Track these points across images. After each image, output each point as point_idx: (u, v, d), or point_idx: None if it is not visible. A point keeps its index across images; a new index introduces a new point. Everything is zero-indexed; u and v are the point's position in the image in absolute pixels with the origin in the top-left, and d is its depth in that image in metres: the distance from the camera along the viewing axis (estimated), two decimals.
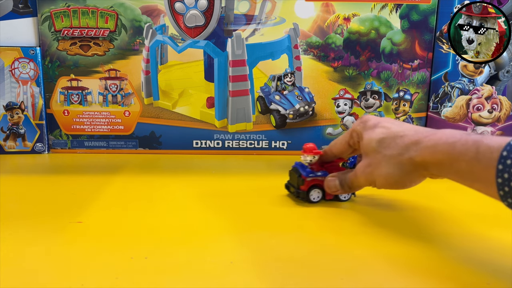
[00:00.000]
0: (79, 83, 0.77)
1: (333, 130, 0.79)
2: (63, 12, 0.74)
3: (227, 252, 0.43)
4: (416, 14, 0.75)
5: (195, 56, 0.76)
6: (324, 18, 0.75)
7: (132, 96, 0.78)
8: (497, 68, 0.77)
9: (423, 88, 0.77)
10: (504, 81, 0.77)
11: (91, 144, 0.79)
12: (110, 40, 0.76)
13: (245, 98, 0.78)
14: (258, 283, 0.38)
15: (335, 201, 0.56)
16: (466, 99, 0.78)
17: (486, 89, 0.77)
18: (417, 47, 0.76)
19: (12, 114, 0.76)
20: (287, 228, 0.49)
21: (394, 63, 0.77)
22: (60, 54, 0.76)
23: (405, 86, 0.77)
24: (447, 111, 0.78)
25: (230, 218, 0.51)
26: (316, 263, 0.42)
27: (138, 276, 0.38)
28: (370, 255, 0.44)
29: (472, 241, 0.48)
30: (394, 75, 0.77)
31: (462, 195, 0.56)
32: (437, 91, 0.78)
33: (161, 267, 0.40)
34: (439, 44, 0.76)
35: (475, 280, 0.40)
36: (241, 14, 0.75)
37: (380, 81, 0.77)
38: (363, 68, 0.77)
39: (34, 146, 0.78)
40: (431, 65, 0.77)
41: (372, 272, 0.41)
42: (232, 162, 0.76)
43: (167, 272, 0.39)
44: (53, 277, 0.38)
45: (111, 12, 0.75)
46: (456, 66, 0.76)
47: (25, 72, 0.75)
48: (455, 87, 0.77)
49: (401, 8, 0.74)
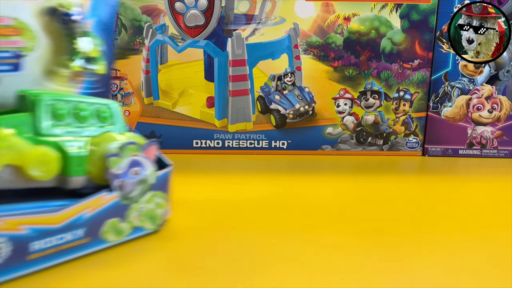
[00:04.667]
0: None
1: (333, 129, 0.79)
2: None
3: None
4: (416, 14, 0.75)
5: (195, 56, 0.76)
6: (324, 17, 0.75)
7: (132, 95, 0.78)
8: (497, 68, 0.77)
9: (423, 88, 0.78)
10: (504, 81, 0.77)
11: None
12: None
13: (245, 98, 0.78)
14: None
15: None
16: (466, 99, 0.78)
17: (486, 89, 0.77)
18: (417, 47, 0.76)
19: None
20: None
21: (394, 62, 0.77)
22: None
23: (405, 86, 0.77)
24: (447, 111, 0.78)
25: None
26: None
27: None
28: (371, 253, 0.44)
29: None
30: (394, 74, 0.77)
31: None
32: (437, 91, 0.78)
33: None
34: (439, 44, 0.76)
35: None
36: (241, 14, 0.75)
37: (380, 81, 0.77)
38: (363, 67, 0.77)
39: None
40: (431, 65, 0.77)
41: (373, 272, 0.41)
42: (232, 162, 0.76)
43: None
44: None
45: None
46: (456, 66, 0.76)
47: None
48: (455, 87, 0.77)
49: (401, 8, 0.74)
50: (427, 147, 0.79)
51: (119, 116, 0.46)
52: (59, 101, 0.42)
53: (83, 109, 0.44)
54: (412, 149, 0.80)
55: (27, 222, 0.37)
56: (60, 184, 0.41)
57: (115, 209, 0.43)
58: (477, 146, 0.79)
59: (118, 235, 0.44)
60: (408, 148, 0.80)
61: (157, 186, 0.46)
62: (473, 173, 0.73)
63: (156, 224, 0.48)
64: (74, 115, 0.43)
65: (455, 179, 0.68)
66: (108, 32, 0.52)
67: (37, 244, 0.38)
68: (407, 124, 0.79)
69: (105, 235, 0.43)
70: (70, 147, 0.41)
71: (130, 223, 0.45)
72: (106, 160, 0.42)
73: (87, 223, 0.41)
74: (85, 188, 0.42)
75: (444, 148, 0.79)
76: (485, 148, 0.79)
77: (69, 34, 0.48)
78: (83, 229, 0.41)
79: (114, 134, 0.44)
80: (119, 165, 0.43)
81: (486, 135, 0.78)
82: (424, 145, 0.80)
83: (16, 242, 0.37)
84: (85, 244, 0.42)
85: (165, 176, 0.47)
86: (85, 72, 0.50)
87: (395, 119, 0.78)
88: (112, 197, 0.43)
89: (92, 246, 0.42)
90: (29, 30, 0.45)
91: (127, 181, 0.43)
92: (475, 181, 0.48)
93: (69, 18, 0.47)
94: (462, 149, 0.79)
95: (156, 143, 0.45)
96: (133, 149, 0.44)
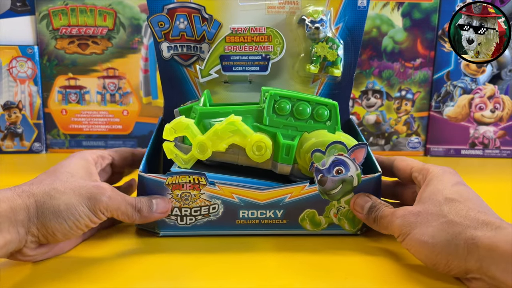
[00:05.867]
0: (77, 82, 0.76)
1: None
2: (61, 10, 0.74)
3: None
4: (418, 13, 0.74)
5: None
6: None
7: (130, 95, 0.77)
8: (500, 67, 0.76)
9: (425, 87, 0.77)
10: (506, 80, 0.76)
11: (89, 144, 0.78)
12: (109, 39, 0.75)
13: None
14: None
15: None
16: (468, 98, 0.77)
17: (489, 88, 0.76)
18: (419, 46, 0.75)
19: (10, 114, 0.76)
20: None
21: (396, 61, 0.76)
22: (58, 52, 0.75)
23: (407, 85, 0.77)
24: (449, 111, 0.77)
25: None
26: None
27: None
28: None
29: None
30: (396, 74, 0.76)
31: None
32: (439, 90, 0.77)
33: None
34: (441, 42, 0.75)
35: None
36: None
37: (381, 80, 0.76)
38: (365, 67, 0.76)
39: (31, 146, 0.77)
40: (433, 64, 0.76)
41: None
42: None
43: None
44: None
45: (110, 10, 0.74)
46: (458, 65, 0.76)
47: (23, 71, 0.75)
48: (457, 86, 0.77)
49: (403, 6, 0.74)
50: (429, 147, 0.79)
51: (336, 116, 0.49)
52: (284, 99, 0.49)
53: (303, 108, 0.48)
54: (414, 149, 0.79)
55: (239, 193, 0.47)
56: (272, 168, 0.48)
57: (315, 202, 0.47)
58: (480, 146, 0.78)
59: (314, 226, 0.48)
60: (410, 148, 0.79)
61: (362, 190, 0.47)
62: (475, 173, 0.72)
63: (356, 228, 0.48)
64: (295, 111, 0.48)
65: None
66: (355, 38, 0.56)
67: (244, 213, 0.47)
68: (409, 124, 0.78)
69: (302, 222, 0.48)
70: (283, 138, 0.48)
71: (328, 218, 0.48)
72: (312, 155, 0.46)
73: (287, 206, 0.47)
74: (293, 176, 0.48)
75: (446, 148, 0.79)
76: (487, 148, 0.78)
77: (312, 39, 0.54)
78: (283, 211, 0.47)
79: (325, 132, 0.48)
80: (322, 161, 0.46)
81: (489, 135, 0.78)
82: (426, 145, 0.79)
83: (227, 206, 0.47)
84: (283, 225, 0.48)
85: (372, 182, 0.47)
86: (324, 75, 0.56)
87: (396, 119, 0.78)
88: (313, 189, 0.47)
89: (289, 229, 0.48)
90: (278, 36, 0.54)
91: (329, 178, 0.46)
92: (477, 182, 0.47)
93: (313, 25, 0.53)
94: (465, 149, 0.79)
95: (365, 146, 0.46)
96: (339, 149, 0.46)
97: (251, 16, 0.55)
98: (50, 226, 0.39)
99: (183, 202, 0.46)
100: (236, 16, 0.55)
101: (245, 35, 0.54)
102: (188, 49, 0.56)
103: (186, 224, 0.47)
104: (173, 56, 0.56)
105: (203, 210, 0.47)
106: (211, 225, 0.47)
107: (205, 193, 0.46)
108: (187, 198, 0.46)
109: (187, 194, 0.46)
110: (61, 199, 0.40)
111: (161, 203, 0.45)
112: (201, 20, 0.55)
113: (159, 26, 0.55)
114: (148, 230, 0.48)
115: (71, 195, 0.40)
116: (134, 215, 0.44)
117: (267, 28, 0.54)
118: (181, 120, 0.47)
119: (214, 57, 0.55)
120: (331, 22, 0.55)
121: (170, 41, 0.56)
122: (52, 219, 0.39)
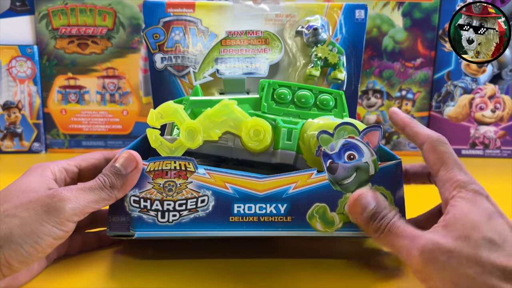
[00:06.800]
0: (76, 82, 0.76)
1: None
2: (61, 10, 0.73)
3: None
4: (418, 12, 0.74)
5: None
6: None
7: (130, 95, 0.77)
8: (500, 67, 0.76)
9: (426, 87, 0.77)
10: (507, 80, 0.76)
11: (89, 144, 0.78)
12: (108, 39, 0.75)
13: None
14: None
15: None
16: (469, 98, 0.77)
17: (489, 88, 0.76)
18: (419, 46, 0.75)
19: (9, 113, 0.75)
20: None
21: (396, 61, 0.76)
22: (58, 52, 0.75)
23: (407, 85, 0.76)
24: (450, 110, 0.77)
25: None
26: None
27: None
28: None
29: None
30: (396, 73, 0.76)
31: None
32: (440, 90, 0.77)
33: None
34: (442, 42, 0.75)
35: None
36: None
37: (382, 80, 0.76)
38: (365, 66, 0.76)
39: (31, 146, 0.77)
40: (433, 64, 0.76)
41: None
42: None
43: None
44: None
45: (109, 10, 0.74)
46: (459, 64, 0.76)
47: (22, 70, 0.74)
48: (458, 86, 0.76)
49: (403, 6, 0.74)
50: None
51: (342, 104, 0.45)
52: (283, 87, 0.45)
53: (305, 95, 0.45)
54: (415, 149, 0.79)
55: (233, 181, 0.39)
56: (273, 159, 0.42)
57: (325, 193, 0.39)
58: (480, 146, 0.78)
59: (326, 225, 0.39)
60: (411, 148, 0.79)
61: (380, 179, 0.39)
62: (476, 174, 0.71)
63: None
64: (296, 99, 0.44)
65: None
66: (356, 48, 0.55)
67: (240, 207, 0.39)
68: None
69: (311, 221, 0.39)
70: (283, 122, 0.43)
71: (343, 216, 0.39)
72: (318, 137, 0.39)
73: (291, 199, 0.39)
74: (298, 166, 0.42)
75: None
76: (488, 148, 0.78)
77: (312, 42, 0.53)
78: (286, 205, 0.39)
79: (330, 117, 0.43)
80: (331, 145, 0.39)
81: (489, 135, 0.77)
82: None
83: (219, 198, 0.39)
84: (288, 223, 0.39)
85: (391, 170, 0.40)
86: (325, 77, 0.54)
87: None
88: (322, 178, 0.39)
89: (295, 228, 0.39)
90: (276, 39, 0.53)
91: (340, 164, 0.38)
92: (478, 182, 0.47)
93: (310, 28, 0.52)
94: (465, 149, 0.78)
95: (379, 129, 0.39)
96: (349, 130, 0.39)
97: (248, 27, 0.54)
98: (2, 256, 0.33)
99: (166, 194, 0.39)
100: (232, 28, 0.54)
101: (241, 38, 0.53)
102: (183, 60, 0.54)
103: (168, 222, 0.39)
104: (166, 67, 0.54)
105: (189, 203, 0.39)
106: (198, 223, 0.39)
107: (192, 181, 0.39)
108: (170, 189, 0.39)
109: (171, 184, 0.39)
110: (11, 222, 0.34)
111: (124, 158, 0.38)
112: (197, 32, 0.54)
113: (154, 38, 0.54)
114: (122, 234, 0.39)
115: (23, 215, 0.34)
116: (111, 194, 0.37)
117: (264, 31, 0.53)
118: (169, 104, 0.42)
119: (208, 60, 0.53)
120: (330, 30, 0.54)
121: (164, 52, 0.54)
122: (4, 247, 0.33)
